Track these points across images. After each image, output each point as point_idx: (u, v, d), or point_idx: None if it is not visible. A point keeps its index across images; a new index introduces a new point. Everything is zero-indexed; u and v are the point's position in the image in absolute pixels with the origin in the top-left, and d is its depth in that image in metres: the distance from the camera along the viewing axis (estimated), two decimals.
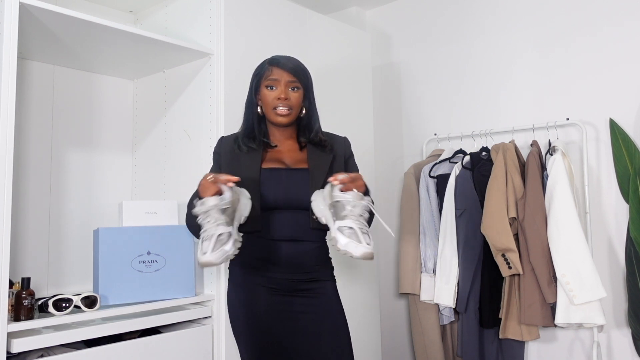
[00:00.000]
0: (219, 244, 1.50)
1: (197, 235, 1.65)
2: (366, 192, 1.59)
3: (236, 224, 1.57)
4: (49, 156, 2.24)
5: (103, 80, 2.44)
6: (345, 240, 1.49)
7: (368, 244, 1.48)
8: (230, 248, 1.51)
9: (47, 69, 2.25)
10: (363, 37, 2.86)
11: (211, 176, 1.52)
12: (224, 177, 1.52)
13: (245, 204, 1.60)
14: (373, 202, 1.61)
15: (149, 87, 2.46)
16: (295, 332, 1.64)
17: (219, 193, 1.52)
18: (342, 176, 1.52)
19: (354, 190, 1.53)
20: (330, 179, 1.54)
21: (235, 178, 1.52)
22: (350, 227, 1.51)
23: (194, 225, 1.61)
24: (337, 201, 1.53)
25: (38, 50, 2.09)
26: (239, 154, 1.71)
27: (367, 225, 1.54)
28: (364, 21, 3.31)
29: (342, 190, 1.52)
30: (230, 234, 1.52)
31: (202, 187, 1.54)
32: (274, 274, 1.65)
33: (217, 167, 1.75)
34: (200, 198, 1.54)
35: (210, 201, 1.51)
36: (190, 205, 1.62)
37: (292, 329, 1.64)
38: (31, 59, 2.20)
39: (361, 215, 1.53)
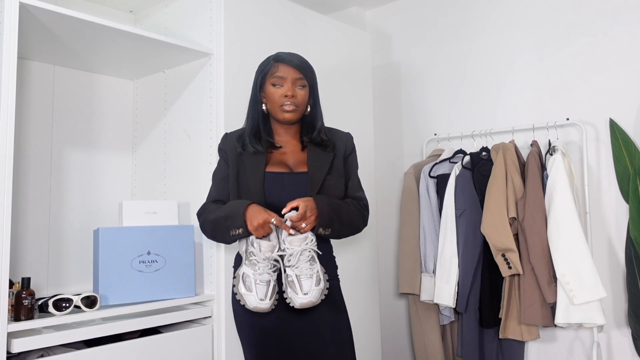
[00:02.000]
0: (273, 292, 1.56)
1: (216, 239, 1.69)
2: (326, 220, 1.60)
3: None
4: (49, 156, 2.24)
5: (103, 80, 2.44)
6: (288, 290, 1.58)
7: (305, 294, 1.54)
8: (276, 295, 1.59)
9: (47, 69, 2.25)
10: (363, 37, 2.86)
11: (274, 219, 1.54)
12: (283, 225, 1.55)
13: None
14: (325, 232, 1.61)
15: (149, 87, 2.46)
16: (298, 331, 1.64)
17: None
18: (290, 215, 1.56)
19: (299, 234, 1.57)
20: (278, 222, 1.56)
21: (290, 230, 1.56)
22: (290, 276, 1.57)
23: (215, 234, 1.67)
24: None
25: (38, 50, 2.09)
26: (242, 154, 1.70)
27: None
28: (364, 21, 3.31)
29: (293, 226, 1.57)
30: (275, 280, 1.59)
31: (258, 226, 1.54)
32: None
33: (225, 165, 1.74)
34: (230, 219, 1.58)
35: (271, 248, 1.55)
36: (220, 219, 1.63)
37: (296, 328, 1.64)
38: (31, 59, 2.20)
39: (307, 259, 1.57)
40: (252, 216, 1.55)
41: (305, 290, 1.54)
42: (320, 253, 1.62)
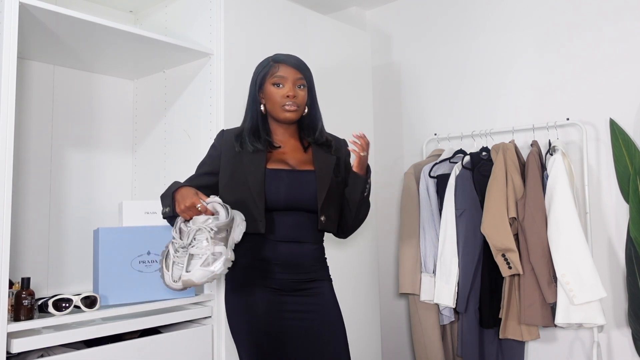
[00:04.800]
0: (206, 264, 1.52)
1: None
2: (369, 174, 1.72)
3: (230, 245, 1.57)
4: (49, 156, 2.24)
5: (103, 80, 2.43)
6: (162, 267, 1.58)
7: (188, 271, 1.51)
8: (219, 268, 1.51)
9: (47, 69, 2.25)
10: (363, 37, 2.85)
11: (199, 205, 1.53)
12: (208, 212, 1.55)
13: (240, 230, 1.59)
14: (368, 185, 1.70)
15: (149, 87, 2.46)
16: (293, 331, 1.64)
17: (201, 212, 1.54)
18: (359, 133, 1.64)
19: (186, 229, 1.56)
20: None
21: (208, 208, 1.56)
22: (169, 256, 1.57)
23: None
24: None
25: (38, 50, 2.09)
26: (241, 152, 1.70)
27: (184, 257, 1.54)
28: (364, 21, 3.31)
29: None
30: (220, 254, 1.53)
31: (185, 208, 1.55)
32: (274, 274, 1.66)
33: (211, 161, 1.76)
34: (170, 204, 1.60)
35: (200, 219, 1.52)
36: (161, 196, 1.68)
37: (291, 328, 1.64)
38: (31, 59, 2.19)
39: (204, 238, 1.53)
40: (181, 198, 1.57)
41: (189, 269, 1.51)
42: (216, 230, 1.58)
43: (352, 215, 1.74)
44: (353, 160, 1.79)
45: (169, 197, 1.61)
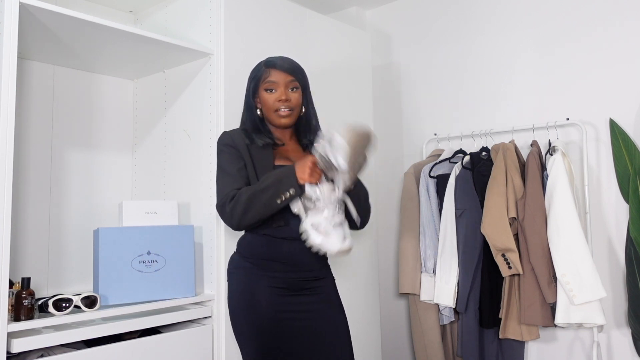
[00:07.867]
0: (347, 231, 1.54)
1: (252, 216, 1.58)
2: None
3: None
4: (49, 156, 2.24)
5: (103, 80, 2.44)
6: (320, 238, 1.52)
7: (344, 239, 1.52)
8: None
9: (47, 69, 2.25)
10: (363, 37, 2.85)
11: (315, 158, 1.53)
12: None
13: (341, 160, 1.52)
14: (355, 186, 1.62)
15: (149, 87, 2.46)
16: (298, 330, 1.64)
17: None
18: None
19: (326, 184, 1.54)
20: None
21: None
22: (321, 224, 1.52)
23: (253, 210, 1.57)
24: (310, 196, 1.53)
25: (38, 50, 2.09)
26: (250, 146, 1.69)
27: (342, 214, 1.56)
28: (364, 21, 3.31)
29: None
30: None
31: (311, 171, 1.52)
32: (279, 273, 1.66)
33: (238, 156, 1.68)
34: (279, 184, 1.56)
35: (332, 189, 1.52)
36: (262, 192, 1.56)
37: (295, 327, 1.64)
38: (31, 59, 2.20)
39: (336, 209, 1.53)
40: (299, 170, 1.54)
41: (340, 238, 1.52)
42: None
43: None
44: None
45: (290, 178, 1.54)
